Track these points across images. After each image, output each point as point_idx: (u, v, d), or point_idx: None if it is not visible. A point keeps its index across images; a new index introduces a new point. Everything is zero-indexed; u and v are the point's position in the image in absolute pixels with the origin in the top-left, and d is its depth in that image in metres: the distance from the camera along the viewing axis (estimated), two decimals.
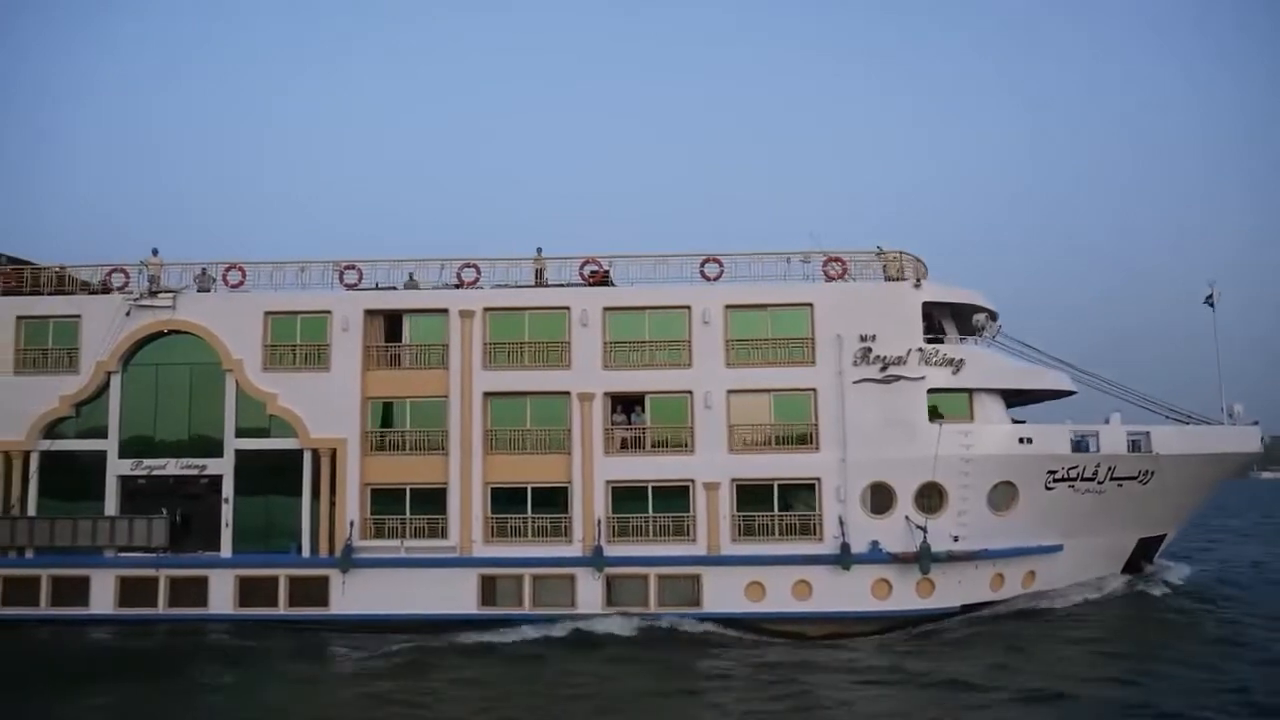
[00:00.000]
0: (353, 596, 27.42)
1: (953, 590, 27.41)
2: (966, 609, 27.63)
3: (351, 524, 27.80)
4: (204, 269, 29.79)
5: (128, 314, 28.82)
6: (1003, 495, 27.84)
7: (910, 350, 27.69)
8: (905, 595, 27.17)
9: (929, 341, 28.00)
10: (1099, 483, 28.49)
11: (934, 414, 27.73)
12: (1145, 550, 31.55)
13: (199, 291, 29.45)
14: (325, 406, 28.20)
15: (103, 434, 28.86)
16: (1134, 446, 28.76)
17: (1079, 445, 28.34)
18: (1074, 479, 28.29)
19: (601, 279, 29.03)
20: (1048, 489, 28.10)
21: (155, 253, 29.86)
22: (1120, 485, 28.75)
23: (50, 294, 29.71)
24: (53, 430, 28.97)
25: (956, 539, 27.29)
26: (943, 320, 29.01)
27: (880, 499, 27.47)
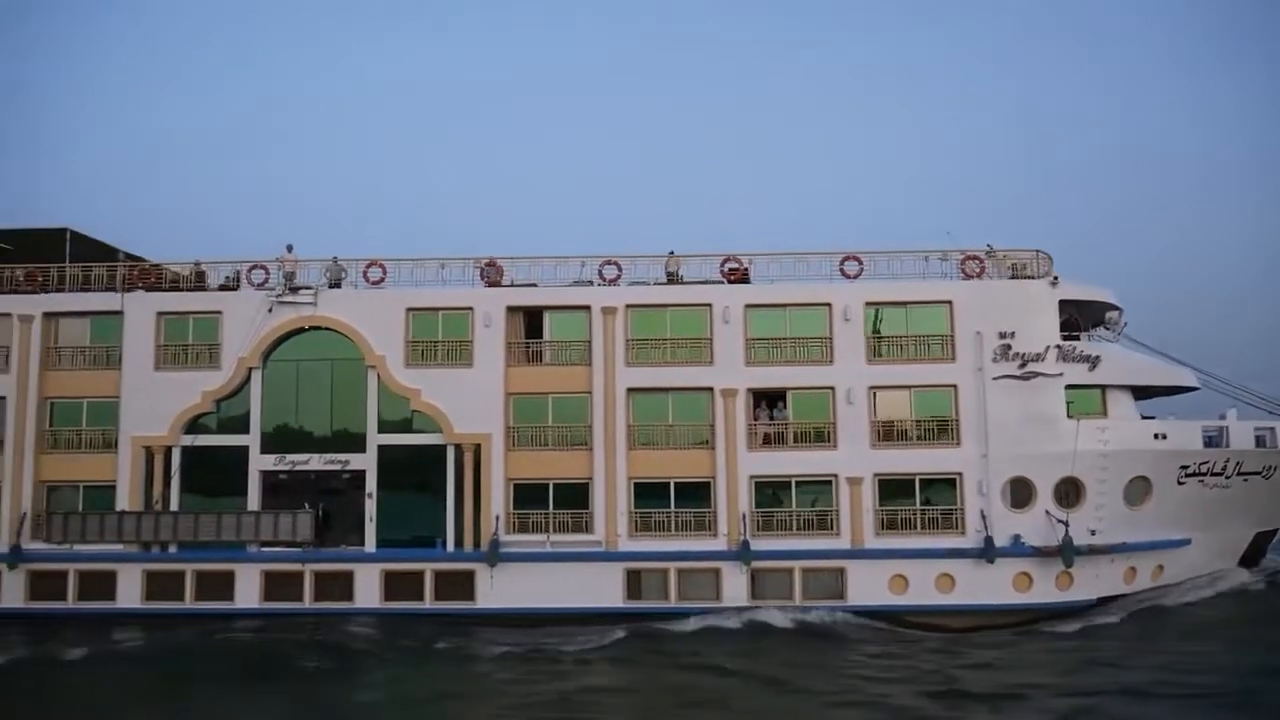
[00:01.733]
0: (500, 590, 27.66)
1: (1090, 583, 27.86)
2: (1102, 602, 28.10)
3: (497, 518, 28.04)
4: (335, 259, 29.92)
5: (270, 310, 28.97)
6: (1137, 490, 28.29)
7: (1048, 347, 28.11)
8: (1045, 588, 27.61)
9: (1065, 338, 28.43)
10: (1226, 478, 28.98)
11: (1069, 410, 28.16)
12: (1260, 544, 32.09)
13: (331, 285, 29.61)
14: (469, 402, 28.43)
15: (243, 429, 29.02)
16: (1260, 442, 29.27)
17: (1210, 441, 28.82)
18: (1204, 474, 28.77)
19: (741, 276, 29.33)
20: (1179, 484, 28.57)
21: (290, 249, 30.00)
22: (1245, 480, 29.26)
23: (189, 290, 29.84)
24: (193, 426, 29.10)
25: (1094, 533, 27.74)
26: (1077, 317, 29.43)
27: (1020, 493, 27.88)
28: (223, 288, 30.50)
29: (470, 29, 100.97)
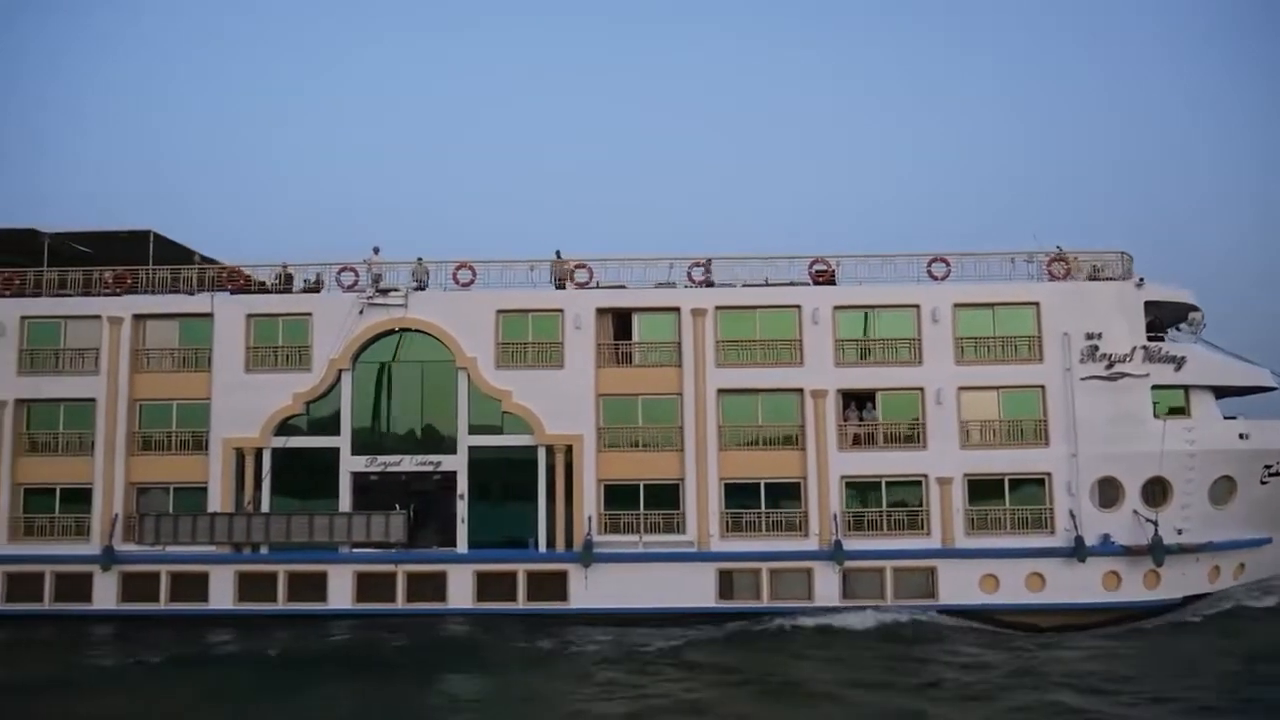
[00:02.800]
0: (594, 591, 27.83)
1: (1177, 582, 28.13)
2: (1187, 600, 28.38)
3: (589, 519, 28.22)
4: (420, 261, 30.05)
5: (361, 312, 29.11)
6: (1222, 489, 28.57)
7: (1135, 348, 28.38)
8: (1134, 587, 27.87)
9: (1150, 339, 28.70)
10: None
11: (1154, 410, 28.44)
12: None
13: (417, 287, 29.73)
14: (560, 403, 28.61)
15: (333, 430, 29.15)
16: None
17: None
18: None
19: (828, 278, 29.56)
20: (1262, 483, 28.86)
21: (376, 251, 30.18)
22: None
23: (278, 292, 29.99)
24: (283, 427, 29.22)
25: (1180, 532, 28.02)
26: (1159, 317, 29.70)
27: (1108, 493, 28.15)
28: (306, 290, 30.67)
29: (456, 31, 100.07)
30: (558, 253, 30.24)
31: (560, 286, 29.77)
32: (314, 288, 30.74)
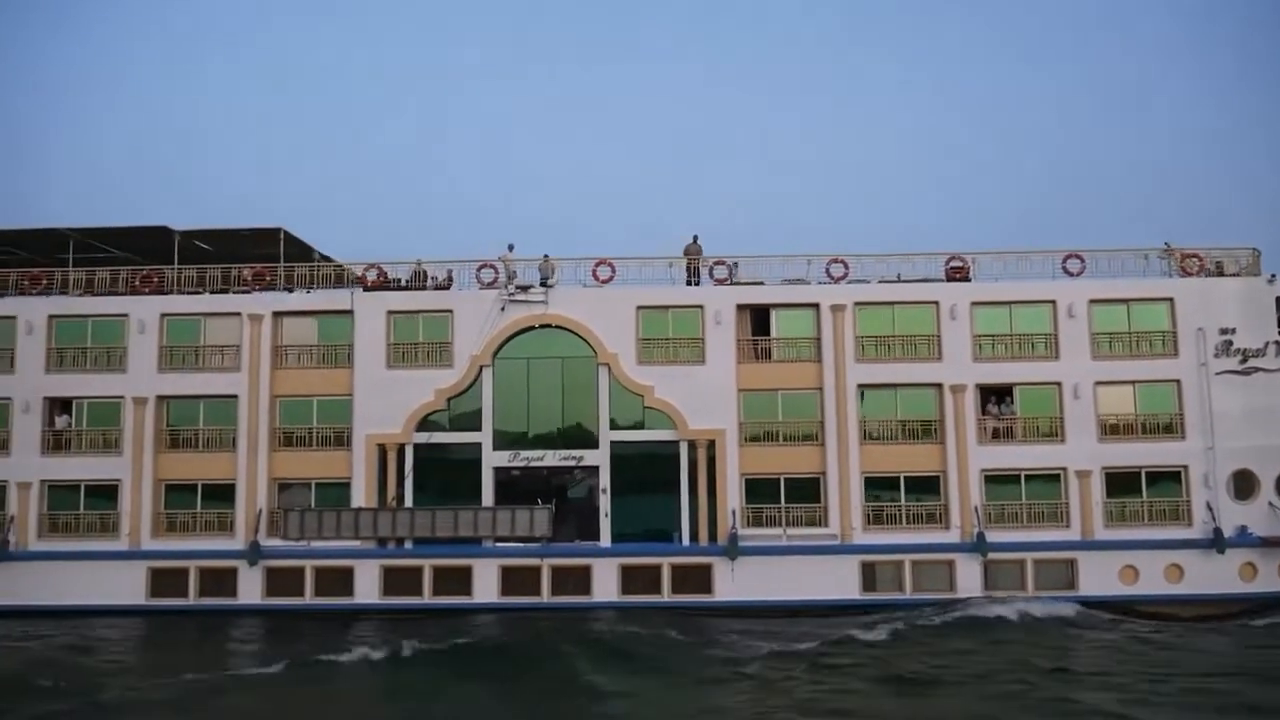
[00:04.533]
0: (739, 583, 28.15)
1: None
2: None
3: (733, 513, 28.56)
4: (546, 257, 30.32)
5: (503, 309, 29.39)
6: None
7: (1268, 343, 28.85)
8: (1270, 578, 28.26)
9: None
10: None
11: None
12: None
13: (541, 283, 29.99)
14: (702, 399, 28.94)
15: (473, 426, 29.42)
16: None
17: None
18: None
19: (963, 274, 29.95)
20: None
21: (511, 248, 30.45)
22: None
23: (415, 289, 30.26)
24: (424, 423, 29.47)
25: None
26: None
27: (1243, 485, 28.58)
28: (438, 287, 30.92)
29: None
30: (694, 238, 30.73)
31: (692, 280, 30.05)
32: (443, 285, 30.98)
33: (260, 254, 31.72)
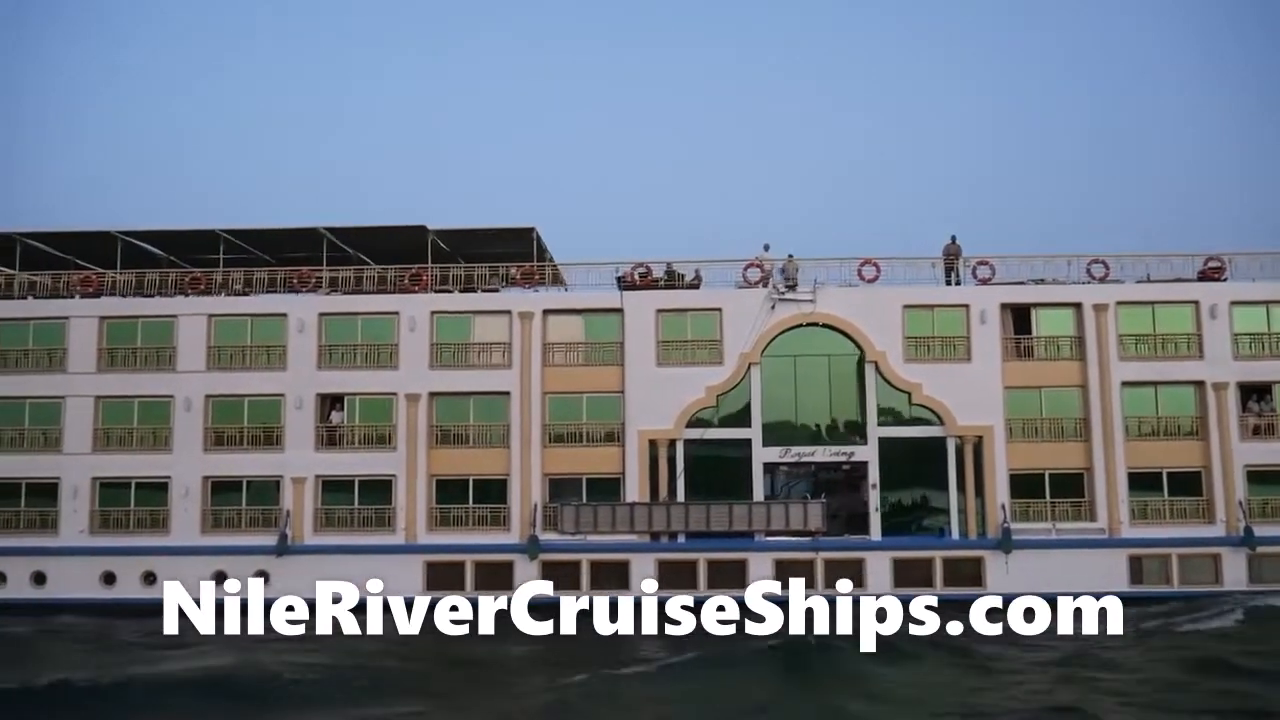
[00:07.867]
0: (1012, 576, 28.79)
1: None
2: None
3: (1003, 507, 29.21)
4: (790, 257, 30.87)
5: (773, 307, 29.99)
6: None
7: None
8: None
9: None
10: None
11: None
12: None
13: (786, 284, 30.54)
14: (969, 396, 29.59)
15: (742, 422, 30.01)
16: None
17: None
18: None
19: (1213, 275, 30.68)
20: None
21: (766, 248, 31.09)
22: None
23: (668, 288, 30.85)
24: (694, 419, 30.04)
25: None
26: None
27: None
28: (688, 285, 31.50)
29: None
30: (952, 238, 31.44)
31: (951, 278, 30.74)
32: (693, 284, 31.55)
33: (509, 253, 32.37)
